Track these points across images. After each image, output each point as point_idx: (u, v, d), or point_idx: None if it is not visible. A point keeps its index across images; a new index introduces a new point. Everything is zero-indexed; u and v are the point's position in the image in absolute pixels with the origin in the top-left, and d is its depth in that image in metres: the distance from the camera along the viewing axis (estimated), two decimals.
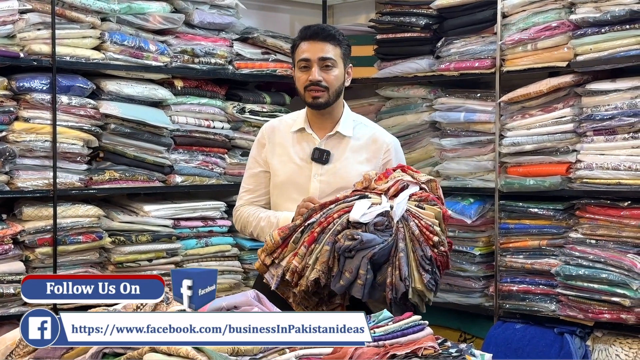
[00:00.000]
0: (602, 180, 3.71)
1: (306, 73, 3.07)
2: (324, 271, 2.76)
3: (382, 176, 2.99)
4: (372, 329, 2.43)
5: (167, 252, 4.22)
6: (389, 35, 4.59)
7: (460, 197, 4.26)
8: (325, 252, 2.76)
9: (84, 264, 3.99)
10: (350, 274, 2.74)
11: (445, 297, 4.26)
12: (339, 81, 3.09)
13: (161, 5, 4.24)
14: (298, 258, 2.82)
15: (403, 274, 2.75)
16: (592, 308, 3.71)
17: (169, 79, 4.33)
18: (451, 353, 2.29)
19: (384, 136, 3.25)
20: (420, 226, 2.82)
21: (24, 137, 3.78)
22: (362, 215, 2.79)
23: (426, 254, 2.79)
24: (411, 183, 2.94)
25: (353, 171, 3.10)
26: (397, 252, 2.76)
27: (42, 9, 3.81)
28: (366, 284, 2.73)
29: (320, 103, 3.08)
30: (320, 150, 3.11)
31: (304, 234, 2.85)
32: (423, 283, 2.78)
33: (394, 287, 2.75)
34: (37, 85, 3.81)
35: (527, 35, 3.93)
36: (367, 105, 4.84)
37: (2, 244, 3.70)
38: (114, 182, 4.08)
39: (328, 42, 3.07)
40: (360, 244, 2.73)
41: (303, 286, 2.78)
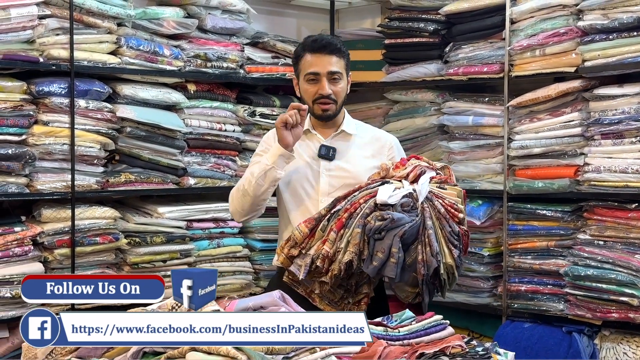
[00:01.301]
0: (609, 183, 3.79)
1: (315, 86, 3.21)
2: (356, 253, 2.85)
3: (398, 164, 3.13)
4: (396, 328, 2.51)
5: (181, 253, 4.28)
6: (397, 40, 4.68)
7: (468, 199, 4.34)
8: (356, 235, 2.86)
9: (100, 264, 4.05)
10: (382, 253, 2.82)
11: (453, 296, 4.35)
12: (345, 92, 3.27)
13: (175, 10, 4.31)
14: (329, 243, 2.91)
15: (434, 249, 2.85)
16: (600, 307, 3.80)
17: (182, 82, 4.39)
18: (478, 352, 2.37)
19: (386, 135, 3.45)
20: (445, 205, 2.97)
21: (43, 140, 3.84)
22: (389, 197, 2.91)
23: (454, 230, 2.94)
24: (428, 168, 3.08)
25: (360, 166, 3.25)
26: (426, 230, 2.88)
27: (61, 15, 3.86)
28: (399, 262, 2.83)
29: (330, 115, 3.25)
30: (326, 147, 3.27)
31: (330, 221, 2.95)
32: (453, 258, 2.91)
33: (425, 263, 2.85)
34: (55, 90, 3.87)
35: (535, 41, 4.02)
36: (374, 109, 4.92)
37: (22, 245, 3.76)
38: (130, 185, 4.15)
39: (334, 55, 3.22)
40: (391, 222, 2.83)
41: (336, 270, 2.87)
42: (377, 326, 2.48)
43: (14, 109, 3.75)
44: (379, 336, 2.41)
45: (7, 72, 3.78)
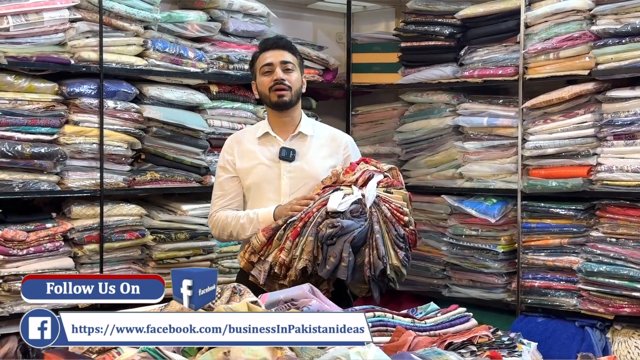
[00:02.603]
0: (622, 182, 3.91)
1: (269, 76, 3.44)
2: (310, 260, 3.08)
3: (348, 170, 3.33)
4: (423, 320, 2.63)
5: (203, 250, 4.42)
6: (413, 43, 4.79)
7: (483, 198, 4.47)
8: (309, 243, 3.08)
9: (127, 260, 4.19)
10: (334, 258, 3.05)
11: (468, 292, 4.48)
12: (299, 83, 3.49)
13: (198, 14, 4.45)
14: (285, 252, 3.13)
15: (380, 252, 3.08)
16: (612, 302, 3.91)
17: (205, 84, 4.52)
18: (504, 341, 2.48)
19: (342, 134, 3.65)
20: (391, 209, 3.18)
21: (73, 139, 3.97)
22: (339, 205, 3.13)
23: (399, 233, 3.15)
24: (376, 172, 3.27)
25: (318, 166, 3.44)
26: (373, 234, 3.10)
27: (91, 18, 4.00)
28: (349, 265, 3.05)
29: (285, 101, 3.44)
30: (287, 149, 3.45)
31: (286, 230, 3.16)
32: (399, 259, 3.14)
33: (372, 265, 3.09)
34: (85, 90, 4.00)
35: (549, 45, 4.13)
36: (390, 110, 5.04)
37: (54, 241, 3.89)
38: (155, 183, 4.27)
39: (286, 50, 3.49)
40: (341, 229, 3.05)
41: (292, 276, 3.10)
42: (404, 318, 2.60)
43: (46, 109, 3.89)
44: (407, 327, 2.53)
45: (39, 74, 3.91)
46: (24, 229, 3.82)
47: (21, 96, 3.82)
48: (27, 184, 3.82)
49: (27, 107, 3.83)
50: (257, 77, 3.50)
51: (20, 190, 3.81)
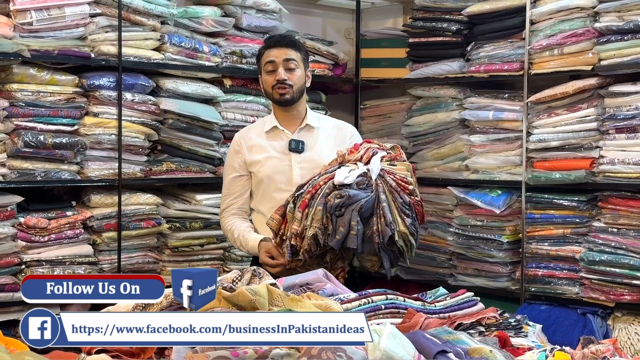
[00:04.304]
0: (623, 174, 4.03)
1: (272, 75, 3.58)
2: (320, 228, 3.19)
3: (352, 150, 3.47)
4: (432, 303, 2.74)
5: (217, 238, 4.54)
6: (421, 38, 4.91)
7: (488, 189, 4.59)
8: (318, 212, 3.20)
9: (143, 247, 4.32)
10: (343, 227, 3.17)
11: (473, 280, 4.60)
12: (302, 81, 3.61)
13: (213, 10, 4.58)
14: (296, 222, 3.25)
15: (388, 219, 3.19)
16: (613, 290, 4.05)
17: (219, 77, 4.65)
18: (510, 322, 2.61)
19: (346, 125, 3.83)
20: (396, 179, 3.31)
21: (93, 130, 4.10)
22: (345, 178, 3.27)
23: (405, 201, 3.27)
24: (378, 149, 3.40)
25: (327, 156, 3.57)
26: (380, 203, 3.22)
27: (110, 13, 4.12)
28: (359, 234, 3.17)
29: (287, 99, 3.58)
30: (296, 141, 3.61)
31: (295, 204, 3.28)
32: (406, 225, 3.25)
33: (380, 232, 3.20)
34: (104, 83, 4.13)
35: (554, 41, 4.25)
36: (398, 104, 5.16)
37: (74, 228, 4.03)
38: (170, 173, 4.40)
39: (290, 48, 3.61)
40: (349, 199, 3.18)
41: (306, 245, 3.22)
42: (415, 301, 2.72)
43: (67, 101, 4.02)
44: (418, 309, 2.65)
45: (61, 67, 4.04)
46: (46, 217, 3.95)
47: (43, 88, 3.95)
48: (48, 173, 3.95)
49: (49, 99, 3.96)
50: (262, 74, 3.65)
51: (42, 179, 3.94)
